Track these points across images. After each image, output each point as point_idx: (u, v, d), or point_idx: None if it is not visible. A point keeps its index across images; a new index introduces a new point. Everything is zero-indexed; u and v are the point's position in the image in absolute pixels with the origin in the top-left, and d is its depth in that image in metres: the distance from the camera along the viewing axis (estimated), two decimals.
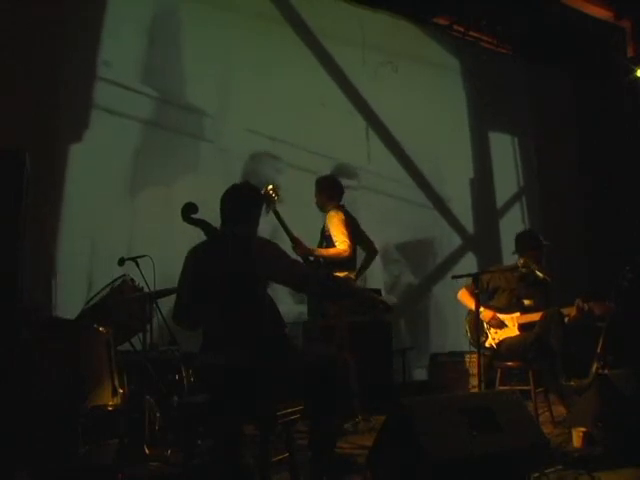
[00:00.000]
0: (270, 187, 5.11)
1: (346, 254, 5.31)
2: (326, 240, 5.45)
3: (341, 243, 5.30)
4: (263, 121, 6.88)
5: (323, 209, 5.60)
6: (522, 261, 5.33)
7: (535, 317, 5.14)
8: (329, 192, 5.61)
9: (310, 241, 5.50)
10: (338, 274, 5.22)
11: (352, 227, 5.51)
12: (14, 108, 5.34)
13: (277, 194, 5.12)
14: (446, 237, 8.33)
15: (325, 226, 5.50)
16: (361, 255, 5.78)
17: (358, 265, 5.68)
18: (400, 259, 7.81)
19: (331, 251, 5.34)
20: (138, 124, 6.19)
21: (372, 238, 5.86)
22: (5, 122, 5.14)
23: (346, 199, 6.66)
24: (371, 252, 5.83)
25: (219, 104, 6.74)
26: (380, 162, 7.79)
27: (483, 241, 8.56)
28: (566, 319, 5.04)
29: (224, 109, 6.76)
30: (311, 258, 5.35)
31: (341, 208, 5.56)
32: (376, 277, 7.52)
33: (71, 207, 5.69)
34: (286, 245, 5.25)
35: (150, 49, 6.37)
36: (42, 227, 5.44)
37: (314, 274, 4.26)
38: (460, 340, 5.51)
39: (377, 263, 7.52)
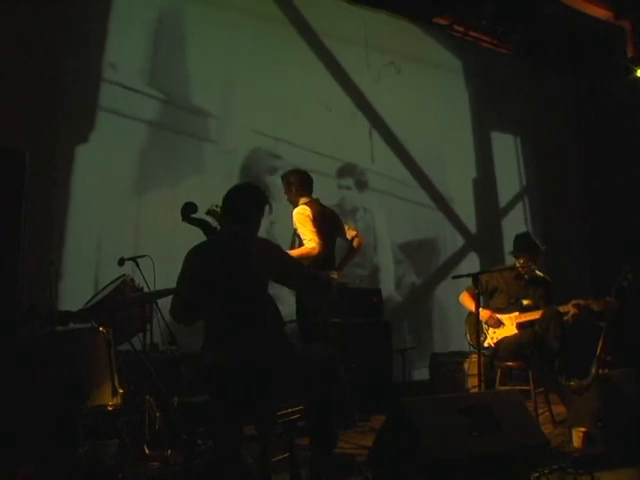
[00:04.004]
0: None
1: (315, 252, 4.95)
2: (298, 238, 5.14)
3: (309, 241, 4.97)
4: (267, 122, 6.90)
5: (294, 204, 5.26)
6: (522, 261, 5.35)
7: (534, 316, 5.16)
8: (299, 187, 5.27)
9: None
10: None
11: (324, 222, 5.17)
12: (20, 109, 5.37)
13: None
14: (449, 237, 8.33)
15: (293, 224, 5.18)
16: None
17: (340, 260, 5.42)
18: (403, 259, 7.81)
19: (296, 252, 4.96)
20: (143, 125, 6.21)
21: (375, 238, 5.76)
22: (11, 123, 5.17)
23: (349, 199, 6.67)
24: (354, 246, 5.45)
25: (224, 105, 6.75)
26: (383, 163, 7.80)
27: (486, 241, 8.56)
28: (566, 317, 5.05)
29: (229, 110, 6.77)
30: None
31: (310, 203, 5.21)
32: (380, 277, 7.55)
33: (77, 208, 5.71)
34: (286, 245, 5.27)
35: (155, 51, 6.39)
36: (48, 228, 5.49)
37: (314, 274, 4.25)
38: (463, 340, 5.52)
39: (381, 263, 7.56)
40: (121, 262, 4.40)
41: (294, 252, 4.98)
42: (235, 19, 6.90)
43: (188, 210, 3.61)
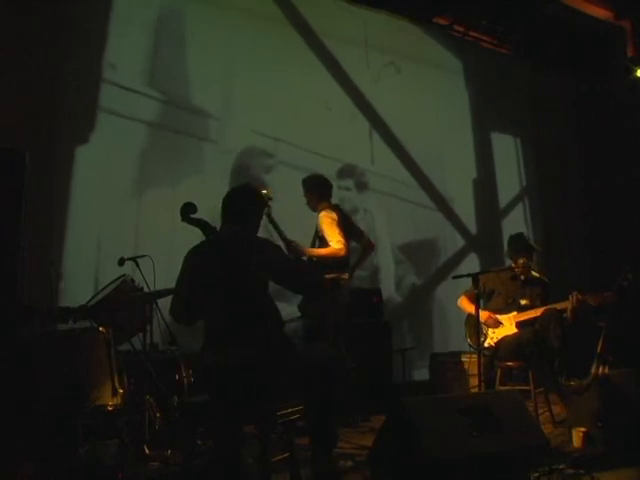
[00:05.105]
0: (264, 192, 4.84)
1: (342, 253, 5.23)
2: (319, 241, 5.37)
3: (336, 243, 5.21)
4: (267, 122, 6.89)
5: (315, 209, 5.52)
6: (522, 262, 5.36)
7: (533, 314, 5.17)
8: (318, 191, 5.52)
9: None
10: (328, 275, 5.19)
11: (345, 226, 5.42)
12: (20, 109, 5.37)
13: (270, 199, 4.99)
14: (449, 238, 8.33)
15: (318, 227, 5.42)
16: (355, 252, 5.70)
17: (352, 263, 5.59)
18: (403, 260, 7.81)
19: (324, 251, 5.24)
20: (143, 126, 6.21)
21: (375, 238, 5.83)
22: (11, 123, 5.16)
23: (349, 200, 6.68)
24: (367, 247, 5.73)
25: (224, 105, 6.75)
26: (383, 163, 7.80)
27: (486, 242, 8.56)
28: (565, 315, 5.05)
29: (229, 110, 6.77)
30: (304, 258, 5.26)
31: (333, 207, 5.47)
32: (380, 277, 7.55)
33: (77, 208, 5.72)
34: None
35: (155, 51, 6.38)
36: (48, 228, 5.49)
37: (315, 276, 4.26)
38: (463, 340, 5.52)
39: (381, 263, 7.56)
40: (121, 262, 4.40)
41: (322, 251, 5.26)
42: (235, 19, 6.90)
43: (188, 210, 3.61)
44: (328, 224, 5.31)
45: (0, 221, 3.80)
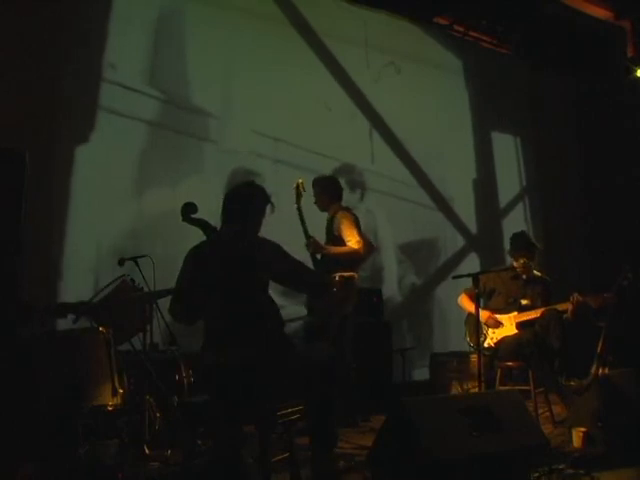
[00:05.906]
0: (300, 181, 5.26)
1: (361, 252, 5.31)
2: (332, 240, 5.41)
3: (355, 243, 5.28)
4: (267, 122, 6.89)
5: (325, 209, 5.57)
6: (522, 261, 5.36)
7: (533, 315, 5.17)
8: (330, 192, 5.59)
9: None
10: (343, 274, 5.21)
11: (360, 227, 5.50)
12: (20, 109, 5.36)
13: (304, 189, 5.25)
14: (449, 237, 8.33)
15: (334, 227, 5.45)
16: None
17: None
18: (404, 259, 7.81)
19: (344, 249, 5.30)
20: (143, 125, 6.21)
21: (375, 238, 5.86)
22: (11, 123, 5.16)
23: (349, 200, 6.67)
24: (369, 249, 5.77)
25: (224, 105, 6.75)
26: (383, 163, 7.79)
27: (486, 241, 8.56)
28: (565, 315, 5.06)
29: (229, 110, 6.77)
30: (318, 256, 5.31)
31: (349, 209, 5.56)
32: (381, 277, 7.55)
33: (77, 208, 5.71)
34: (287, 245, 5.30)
35: (155, 51, 6.38)
36: (48, 228, 5.49)
37: (313, 275, 4.26)
38: (463, 340, 5.52)
39: (382, 263, 7.56)
40: (121, 262, 4.39)
41: (342, 249, 5.31)
42: (235, 19, 6.89)
43: (188, 210, 3.61)
44: (347, 224, 5.37)
45: (0, 221, 3.80)
